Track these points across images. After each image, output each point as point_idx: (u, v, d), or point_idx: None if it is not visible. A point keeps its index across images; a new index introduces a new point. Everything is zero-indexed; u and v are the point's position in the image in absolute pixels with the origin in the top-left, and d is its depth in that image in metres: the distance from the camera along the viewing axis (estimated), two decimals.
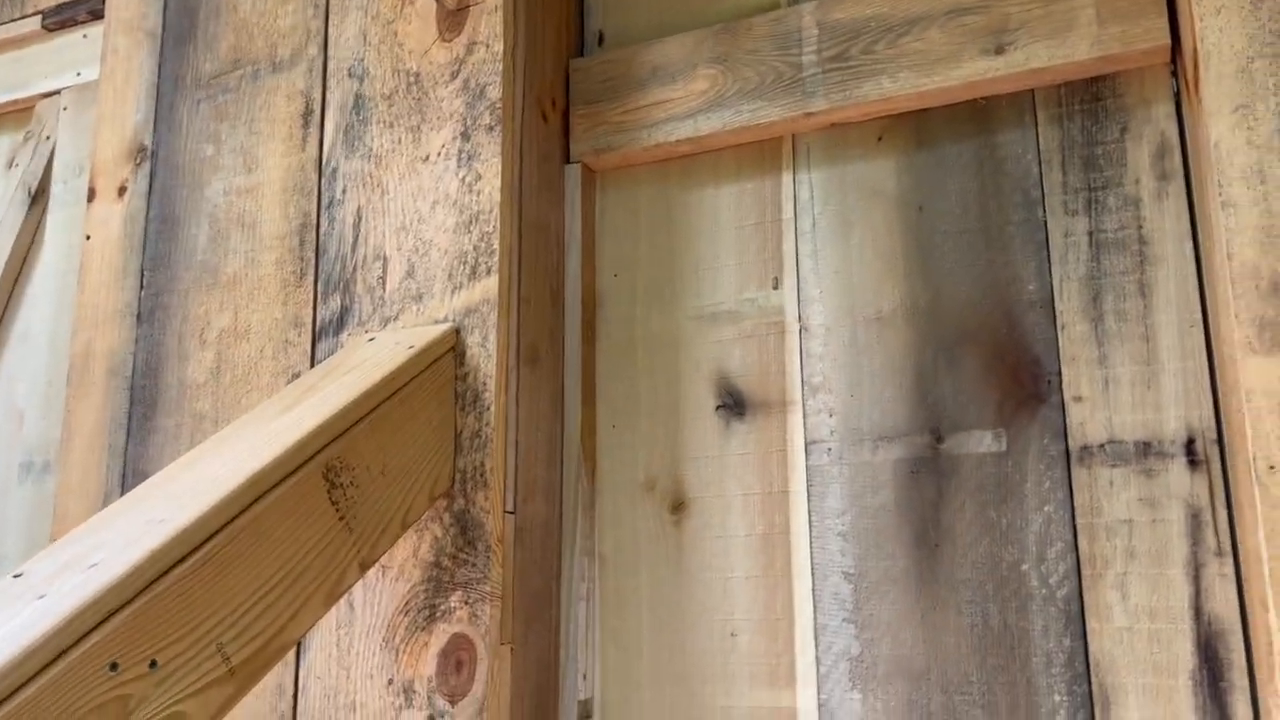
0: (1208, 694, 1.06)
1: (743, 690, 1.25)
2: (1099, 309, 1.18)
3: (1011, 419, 1.20)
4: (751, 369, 1.34)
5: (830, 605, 1.24)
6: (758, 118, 1.34)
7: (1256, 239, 0.96)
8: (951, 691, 1.17)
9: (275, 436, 1.01)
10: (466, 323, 1.22)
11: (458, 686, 1.15)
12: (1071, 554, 1.14)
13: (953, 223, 1.28)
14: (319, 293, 1.33)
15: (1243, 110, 0.99)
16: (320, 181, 1.37)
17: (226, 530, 0.91)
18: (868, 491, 1.25)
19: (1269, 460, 0.91)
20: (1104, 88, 1.23)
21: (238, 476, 0.94)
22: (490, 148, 1.26)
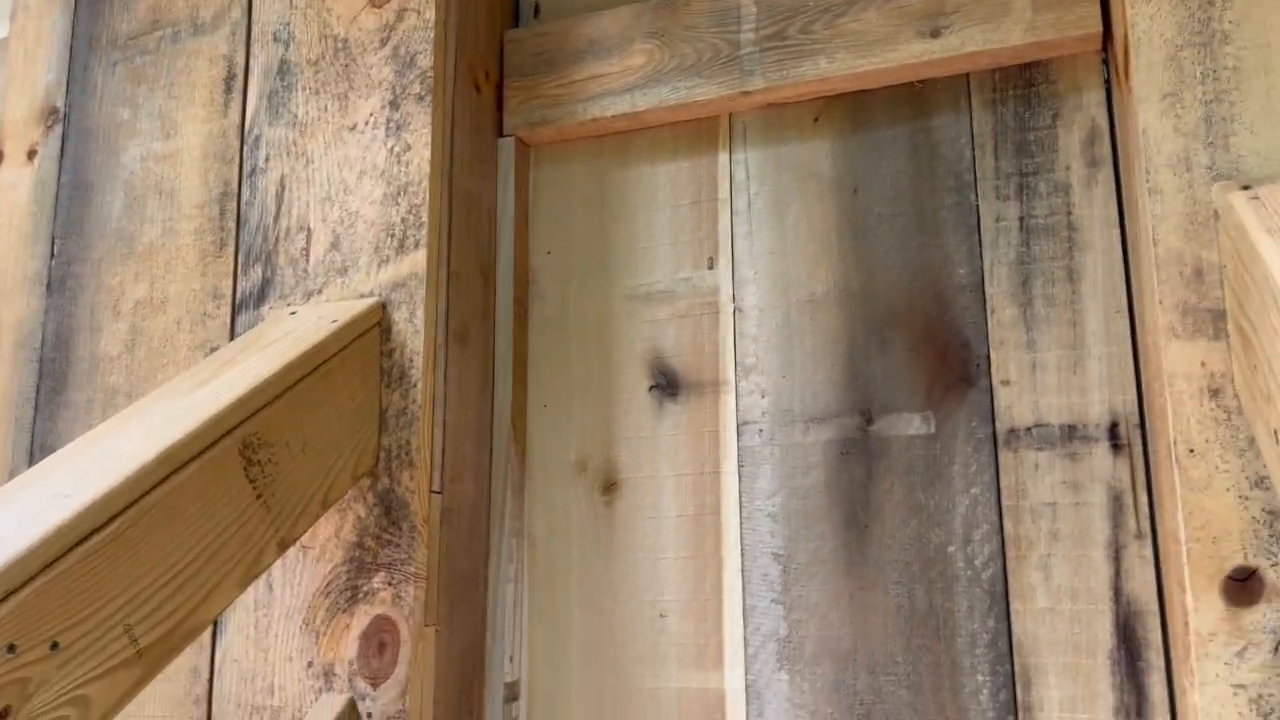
0: (1125, 673, 1.08)
1: (671, 671, 1.25)
2: (1028, 294, 1.19)
3: (940, 402, 1.20)
4: (685, 349, 1.33)
5: (759, 586, 1.24)
6: (695, 95, 1.33)
7: (1181, 226, 0.97)
8: (878, 671, 1.17)
9: (190, 411, 0.98)
10: (393, 297, 1.19)
11: (380, 669, 1.12)
12: (997, 536, 1.15)
13: (887, 205, 1.28)
14: (240, 264, 1.29)
15: (1171, 98, 1.00)
16: (242, 149, 1.33)
17: (136, 507, 0.87)
18: (798, 472, 1.25)
19: (1189, 444, 0.92)
20: (1037, 74, 1.24)
21: (149, 452, 0.90)
22: (420, 118, 1.22)
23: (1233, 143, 0.97)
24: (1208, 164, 0.97)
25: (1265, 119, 0.96)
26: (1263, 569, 0.88)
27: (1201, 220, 0.96)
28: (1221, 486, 0.90)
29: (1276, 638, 0.86)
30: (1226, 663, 0.87)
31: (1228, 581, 0.89)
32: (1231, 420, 0.92)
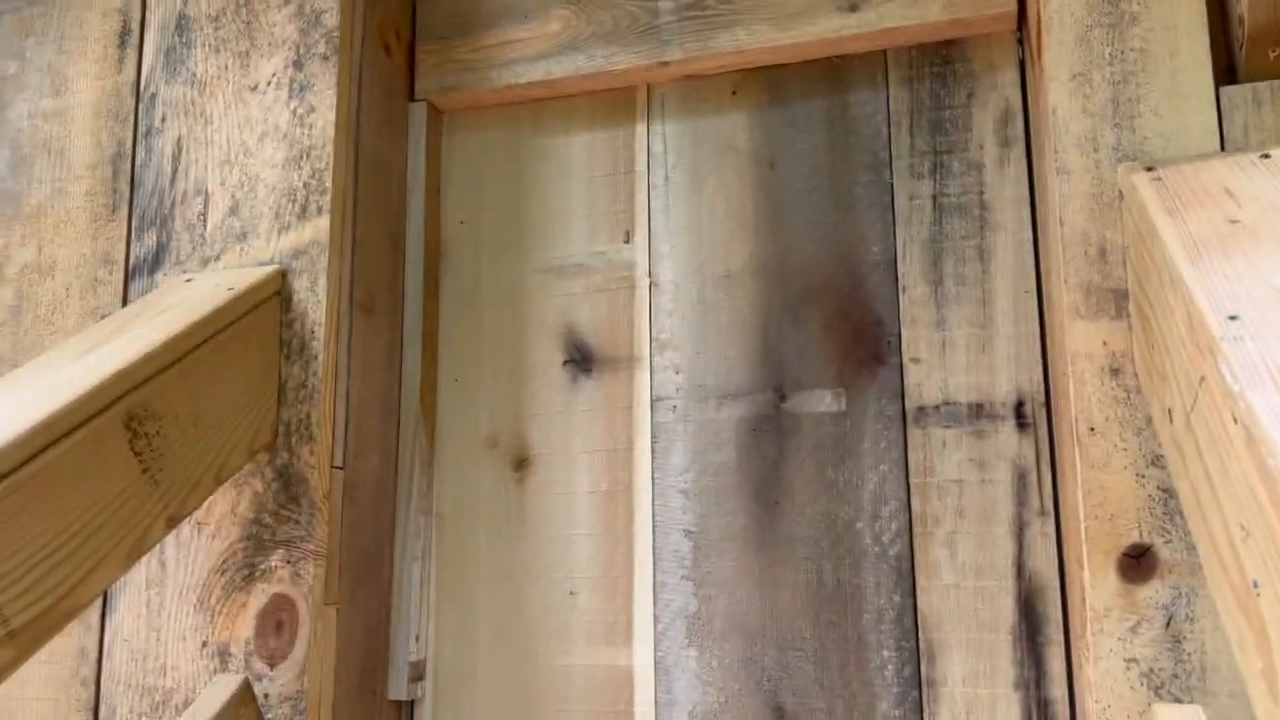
0: (1026, 648, 1.09)
1: (580, 649, 1.23)
2: (939, 272, 1.19)
3: (852, 379, 1.20)
4: (600, 324, 1.31)
5: (670, 563, 1.23)
6: (612, 64, 1.30)
7: (1087, 206, 0.97)
8: (785, 647, 1.17)
9: (73, 379, 0.93)
10: (294, 265, 1.14)
11: (278, 649, 1.09)
12: (904, 513, 1.16)
13: (803, 181, 1.27)
14: (133, 228, 1.23)
15: (1080, 78, 1.00)
16: (138, 108, 1.27)
17: (10, 480, 0.83)
18: (711, 449, 1.24)
19: (1090, 422, 0.93)
20: (953, 52, 1.23)
21: (25, 421, 0.86)
22: (325, 78, 1.18)
23: (1138, 124, 0.97)
24: (1114, 144, 0.98)
25: (1170, 101, 0.97)
26: (1157, 546, 0.89)
27: (1107, 201, 0.97)
28: (1120, 465, 0.92)
29: (1168, 613, 0.88)
30: (1120, 638, 0.89)
31: (1123, 558, 0.90)
32: (1131, 399, 0.93)
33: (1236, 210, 0.76)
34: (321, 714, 1.10)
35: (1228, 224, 0.74)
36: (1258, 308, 0.60)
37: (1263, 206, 0.75)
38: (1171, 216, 0.78)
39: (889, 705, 1.12)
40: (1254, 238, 0.71)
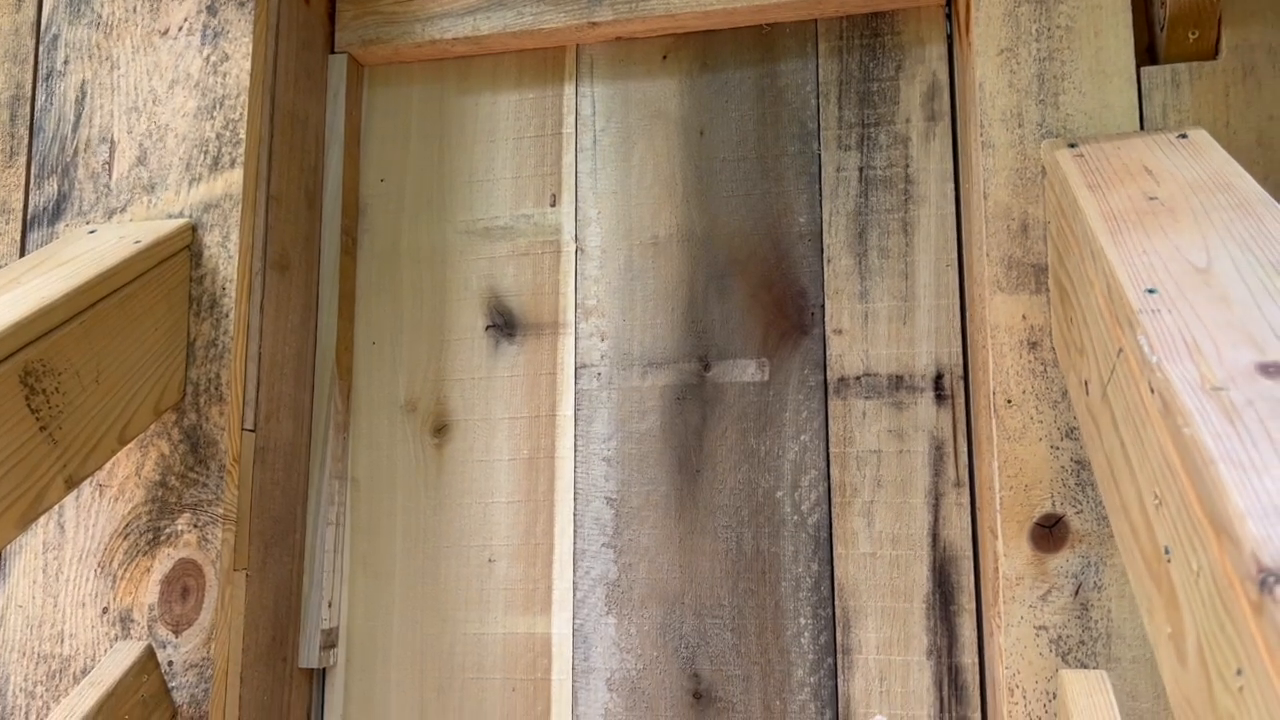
0: (939, 615, 1.11)
1: (497, 617, 1.22)
2: (864, 244, 1.20)
3: (775, 349, 1.21)
4: (525, 289, 1.29)
5: (591, 530, 1.22)
6: (540, 23, 1.27)
7: (1011, 181, 0.98)
8: (704, 615, 1.18)
9: None
10: (205, 219, 1.10)
11: (183, 615, 1.05)
12: (824, 482, 1.17)
13: (732, 150, 1.26)
14: (32, 176, 1.17)
15: (1007, 54, 1.01)
16: (38, 49, 1.20)
17: None
18: (634, 417, 1.23)
19: (1006, 394, 0.94)
20: (883, 24, 1.24)
21: None
22: (240, 25, 1.13)
23: (1062, 100, 0.98)
24: (1038, 120, 0.99)
25: (1093, 79, 0.98)
26: (1068, 516, 0.91)
27: (1030, 176, 0.98)
28: (1035, 436, 0.93)
29: (1077, 582, 0.90)
30: (1031, 605, 0.91)
31: (1036, 528, 0.92)
32: (1048, 372, 0.94)
33: (1155, 188, 0.78)
34: (229, 682, 1.07)
35: (1147, 200, 0.75)
36: (1175, 282, 0.61)
37: (1180, 185, 0.76)
38: (1093, 192, 0.79)
39: (804, 672, 1.14)
40: (1172, 215, 0.72)
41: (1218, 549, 0.42)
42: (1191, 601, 0.47)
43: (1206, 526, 0.44)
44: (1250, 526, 0.40)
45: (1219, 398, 0.49)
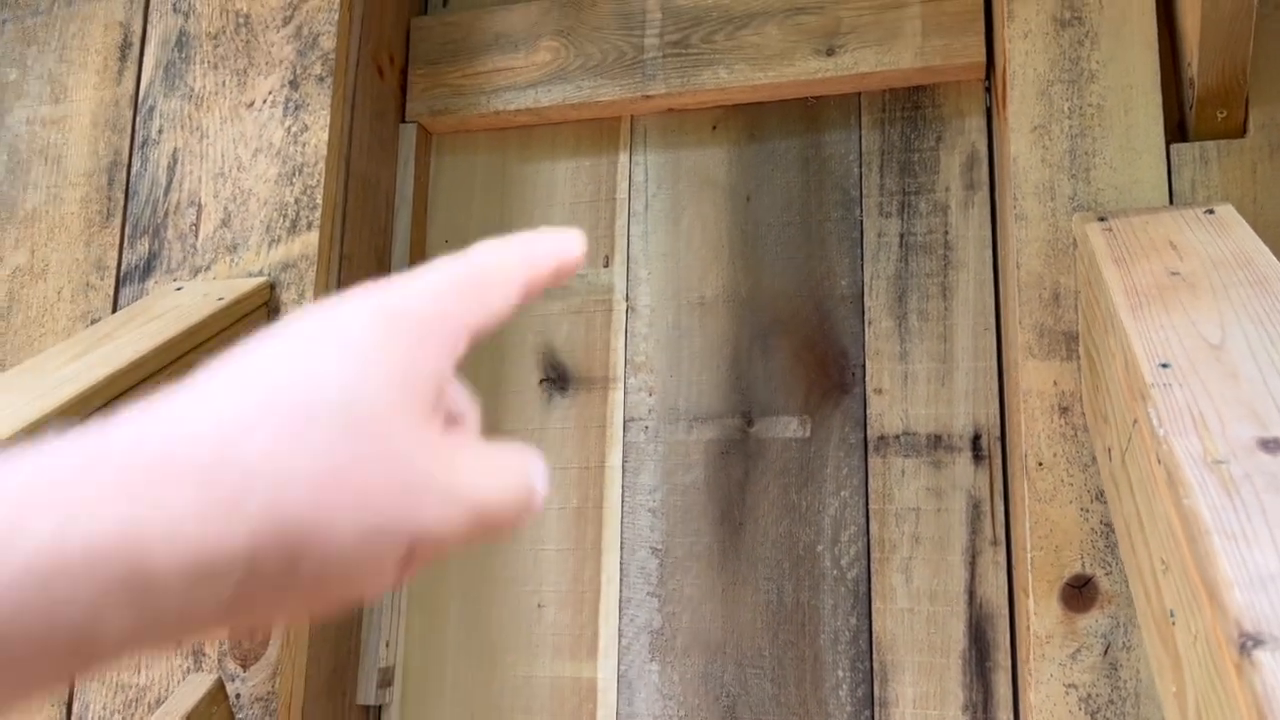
0: (975, 672, 1.14)
1: (545, 661, 1.27)
2: (904, 307, 1.25)
3: (817, 407, 1.25)
4: (577, 345, 1.35)
5: (636, 579, 1.27)
6: (598, 95, 1.35)
7: (1043, 251, 1.03)
8: (745, 664, 1.21)
9: (59, 385, 0.96)
10: (283, 278, 1.18)
11: (251, 650, 1.12)
12: (863, 538, 1.20)
13: (777, 215, 1.32)
14: (126, 235, 1.27)
15: (1040, 130, 1.06)
16: (135, 119, 1.30)
17: None
18: (680, 469, 1.28)
19: (1038, 457, 0.98)
20: (924, 97, 1.29)
21: (14, 423, 0.89)
22: (319, 99, 1.22)
23: (1093, 175, 1.03)
24: (1070, 194, 1.03)
25: (1124, 155, 1.03)
26: (1098, 577, 0.94)
27: (1062, 247, 1.03)
28: (1065, 499, 0.97)
29: (1106, 641, 0.93)
30: (1061, 664, 0.94)
31: (1066, 588, 0.95)
32: (1078, 437, 0.98)
33: (1178, 263, 0.82)
34: (291, 715, 1.13)
35: (1169, 276, 0.79)
36: (1188, 357, 0.65)
37: (1202, 260, 0.81)
38: (1118, 266, 0.84)
39: None
40: (1192, 290, 0.76)
41: (1210, 614, 0.46)
42: (1191, 663, 0.50)
43: (1202, 592, 0.48)
44: (1236, 594, 0.44)
45: (1219, 471, 0.53)
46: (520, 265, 0.38)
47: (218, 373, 0.31)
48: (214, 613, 0.27)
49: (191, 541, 0.26)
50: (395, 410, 0.31)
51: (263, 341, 0.32)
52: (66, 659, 0.25)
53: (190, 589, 0.26)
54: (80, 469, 0.26)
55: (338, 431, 0.29)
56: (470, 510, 0.32)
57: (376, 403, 0.31)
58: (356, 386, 0.31)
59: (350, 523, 0.29)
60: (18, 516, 0.24)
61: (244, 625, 0.29)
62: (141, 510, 0.25)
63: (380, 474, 0.30)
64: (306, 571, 0.28)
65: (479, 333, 0.36)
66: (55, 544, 0.24)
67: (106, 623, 0.25)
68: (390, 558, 0.30)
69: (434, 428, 0.33)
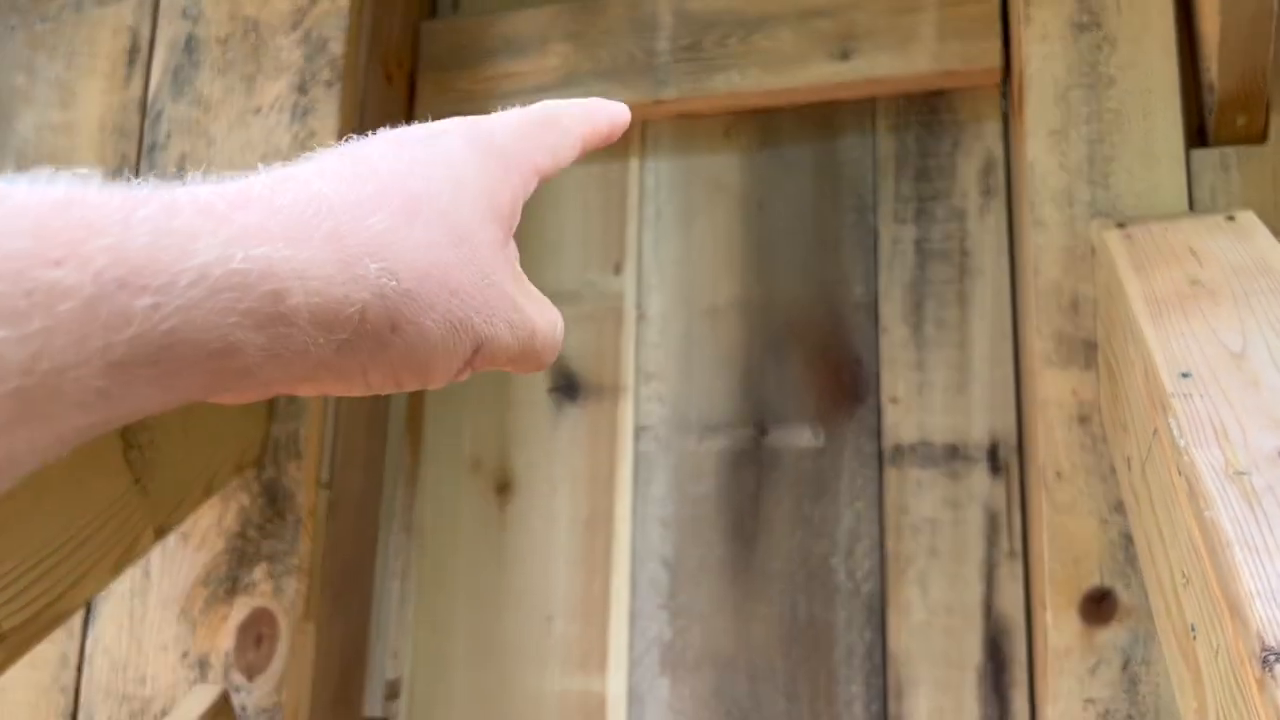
0: (991, 687, 1.12)
1: (555, 675, 1.25)
2: (920, 315, 1.23)
3: (831, 417, 1.23)
4: (587, 352, 1.34)
5: (647, 591, 1.25)
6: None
7: (1061, 258, 1.01)
8: (757, 679, 1.19)
9: None
10: None
11: (256, 661, 1.10)
12: (878, 550, 1.18)
13: (790, 222, 1.30)
14: None
15: (1058, 135, 1.04)
16: (143, 124, 1.30)
17: None
18: (690, 480, 1.26)
19: (1057, 468, 0.96)
20: (940, 102, 1.27)
21: None
22: (327, 104, 1.21)
23: (1112, 181, 1.01)
24: (1088, 200, 1.01)
25: (1143, 161, 1.00)
26: (1117, 590, 0.92)
27: (1080, 254, 1.01)
28: (1084, 510, 0.94)
29: (1126, 656, 0.90)
30: (1079, 678, 0.91)
31: (1085, 601, 0.92)
32: (1097, 447, 0.96)
33: (1199, 270, 0.80)
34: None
35: (1189, 284, 0.77)
36: (1209, 366, 0.63)
37: (1223, 267, 0.78)
38: (1138, 273, 0.82)
39: None
40: (1213, 298, 0.74)
41: (1231, 628, 0.44)
42: (1212, 678, 0.48)
43: (1223, 606, 0.46)
44: (1258, 607, 0.42)
45: (1241, 482, 0.51)
46: (583, 122, 0.43)
47: (336, 157, 0.34)
48: (325, 359, 0.30)
49: (320, 286, 0.29)
50: (484, 227, 0.35)
51: (373, 142, 0.35)
52: (216, 370, 0.28)
53: (312, 329, 0.29)
54: (231, 207, 0.29)
55: (440, 233, 0.33)
56: (526, 335, 0.37)
57: (471, 218, 0.35)
58: (455, 197, 0.35)
59: (442, 310, 0.33)
60: (188, 240, 0.27)
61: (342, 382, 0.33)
62: (282, 251, 0.29)
63: (470, 278, 0.34)
64: (397, 344, 0.32)
65: (547, 176, 0.41)
66: (218, 266, 0.27)
67: (246, 343, 0.28)
68: (461, 354, 0.34)
69: (508, 253, 0.37)
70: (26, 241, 0.25)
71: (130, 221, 0.26)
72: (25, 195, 0.25)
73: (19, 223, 0.25)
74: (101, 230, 0.26)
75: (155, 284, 0.26)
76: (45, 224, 0.25)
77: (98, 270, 0.25)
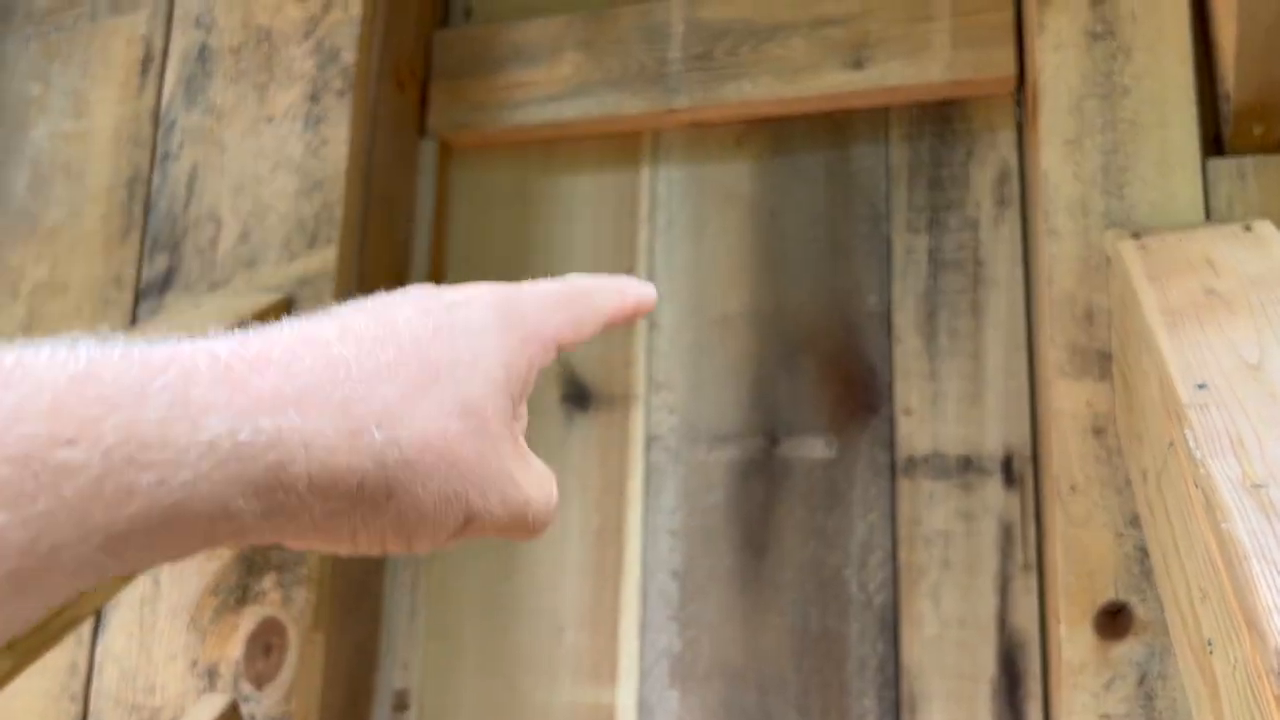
0: (1005, 701, 1.10)
1: (564, 686, 1.24)
2: (933, 325, 1.22)
3: (843, 427, 1.22)
4: (598, 362, 1.33)
5: (657, 602, 1.24)
6: (620, 109, 1.34)
7: (1075, 269, 1.00)
8: (768, 691, 1.18)
9: None
10: (301, 293, 1.17)
11: (265, 671, 1.10)
12: (890, 562, 1.17)
13: (802, 231, 1.30)
14: (145, 251, 1.26)
15: (1072, 145, 1.03)
16: (156, 133, 1.30)
17: None
18: (701, 490, 1.26)
19: (1071, 480, 0.95)
20: (954, 111, 1.27)
21: None
22: (339, 112, 1.21)
23: (1127, 192, 1.00)
24: (1103, 210, 1.00)
25: (1158, 171, 1.00)
26: (1133, 604, 0.91)
27: (1095, 264, 0.99)
28: (1099, 523, 0.93)
29: (1141, 671, 0.89)
30: (1094, 693, 0.90)
31: (1100, 615, 0.91)
32: (1112, 459, 0.94)
33: (1215, 280, 0.79)
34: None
35: (1205, 294, 0.76)
36: (1225, 377, 0.62)
37: (1239, 278, 0.77)
38: (1153, 284, 0.81)
39: None
40: (1229, 308, 0.73)
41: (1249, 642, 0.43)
42: (1230, 694, 0.47)
43: (1240, 620, 0.45)
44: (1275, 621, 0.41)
45: (1258, 494, 0.50)
46: (611, 299, 0.44)
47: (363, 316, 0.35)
48: (318, 522, 0.31)
49: (324, 455, 0.30)
50: (497, 396, 0.36)
51: (402, 303, 0.36)
52: (210, 533, 0.29)
53: (310, 495, 0.30)
54: (250, 370, 0.29)
55: (450, 403, 0.34)
56: (519, 507, 0.37)
57: (484, 389, 0.36)
58: (472, 367, 0.35)
59: (439, 481, 0.33)
60: (200, 413, 0.27)
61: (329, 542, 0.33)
62: (292, 420, 0.29)
63: (472, 450, 0.34)
64: (390, 512, 0.32)
65: (567, 348, 0.42)
66: (227, 439, 0.28)
67: (244, 510, 0.29)
68: (451, 525, 0.34)
69: (515, 421, 0.38)
70: (41, 425, 0.25)
71: (147, 393, 0.27)
72: (46, 368, 0.26)
73: (36, 403, 0.25)
74: (116, 405, 0.26)
75: (162, 459, 0.26)
76: (62, 402, 0.25)
77: (108, 448, 0.26)
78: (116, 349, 0.27)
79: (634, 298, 0.45)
